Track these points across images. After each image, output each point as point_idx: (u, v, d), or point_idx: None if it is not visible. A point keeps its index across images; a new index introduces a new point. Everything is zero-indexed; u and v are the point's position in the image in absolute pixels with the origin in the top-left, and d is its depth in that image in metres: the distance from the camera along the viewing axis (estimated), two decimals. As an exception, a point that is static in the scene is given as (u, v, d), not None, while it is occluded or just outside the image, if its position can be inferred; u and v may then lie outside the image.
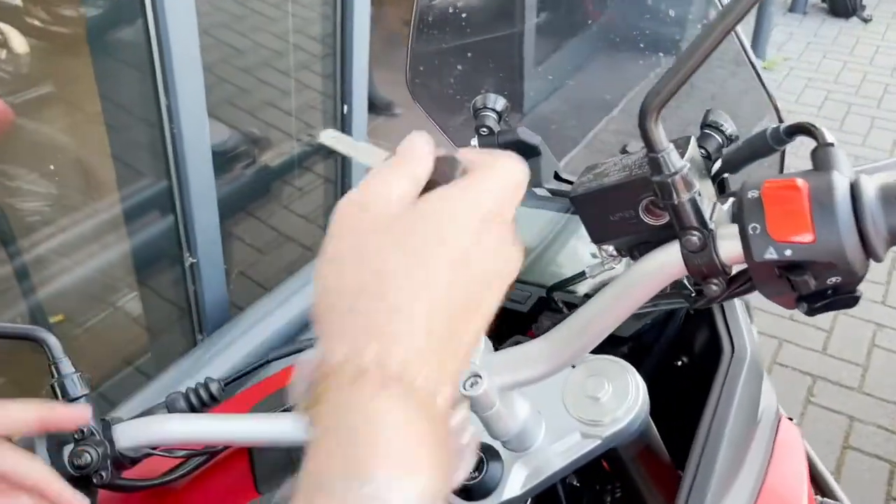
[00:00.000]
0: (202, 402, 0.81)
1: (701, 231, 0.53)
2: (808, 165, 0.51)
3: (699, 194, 0.53)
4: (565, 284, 0.91)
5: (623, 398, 0.66)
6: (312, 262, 1.53)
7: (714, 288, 0.54)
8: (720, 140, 0.76)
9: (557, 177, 0.97)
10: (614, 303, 0.59)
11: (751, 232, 0.49)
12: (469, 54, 1.08)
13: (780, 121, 0.76)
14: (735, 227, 0.51)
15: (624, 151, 0.98)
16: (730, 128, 0.77)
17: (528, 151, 0.93)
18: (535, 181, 0.94)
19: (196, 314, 1.70)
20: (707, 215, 0.53)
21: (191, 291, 1.67)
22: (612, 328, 0.60)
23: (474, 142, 0.94)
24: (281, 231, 2.30)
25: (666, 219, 0.56)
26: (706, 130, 0.78)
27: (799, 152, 0.64)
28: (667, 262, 0.56)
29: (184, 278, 1.66)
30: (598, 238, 0.62)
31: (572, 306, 0.88)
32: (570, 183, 0.97)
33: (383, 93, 3.24)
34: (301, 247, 2.35)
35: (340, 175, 2.14)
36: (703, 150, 0.77)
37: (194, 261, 1.61)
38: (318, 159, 2.12)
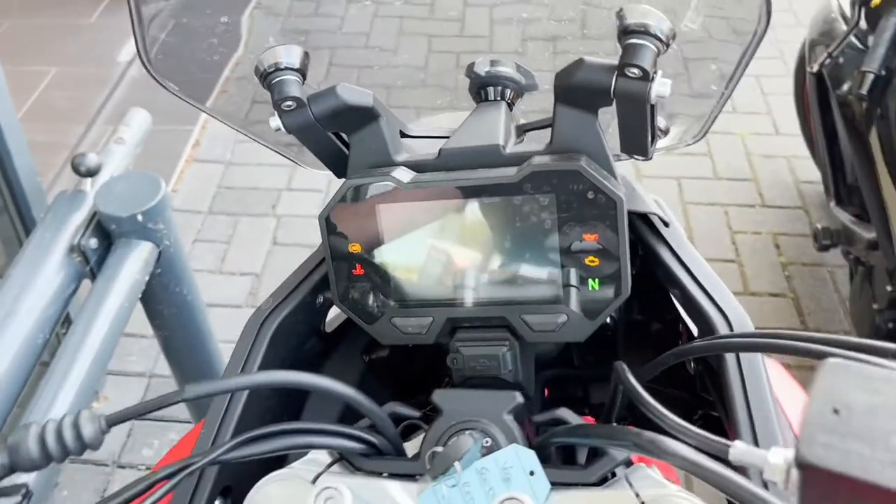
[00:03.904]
0: (65, 448, 0.48)
1: None
2: None
3: None
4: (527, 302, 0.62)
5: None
6: None
7: None
8: (655, 47, 0.54)
9: (404, 136, 0.68)
10: None
11: None
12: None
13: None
14: None
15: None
16: (664, 26, 0.54)
17: (361, 117, 0.64)
18: (383, 156, 0.65)
19: None
20: None
21: None
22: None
23: (275, 124, 0.63)
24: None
25: None
26: (632, 39, 0.55)
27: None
28: None
29: None
30: None
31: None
32: (432, 138, 0.69)
33: None
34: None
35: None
36: (634, 70, 0.54)
37: None
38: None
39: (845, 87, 1.85)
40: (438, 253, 0.62)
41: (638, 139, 0.61)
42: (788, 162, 2.65)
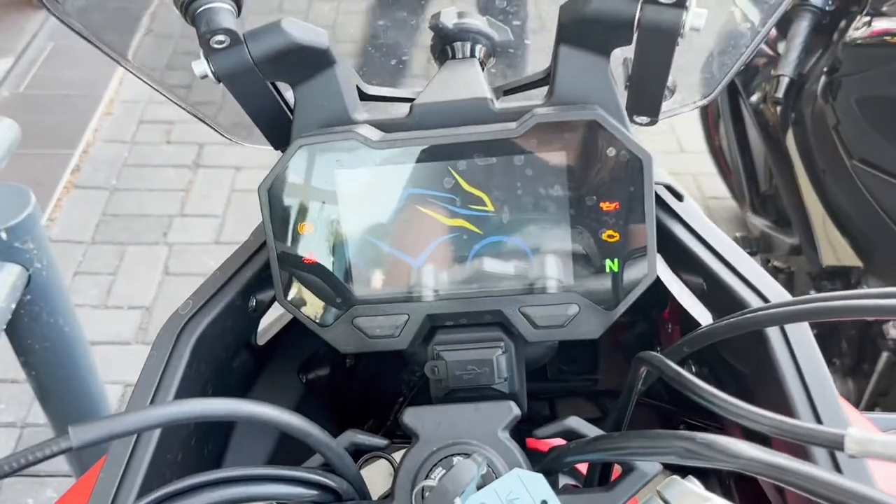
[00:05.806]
0: None
1: None
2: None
3: None
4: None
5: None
6: None
7: None
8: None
9: (364, 96, 0.54)
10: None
11: None
12: None
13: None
14: None
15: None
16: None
17: (312, 63, 0.50)
18: (338, 113, 0.50)
19: None
20: None
21: None
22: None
23: (201, 69, 0.48)
24: None
25: None
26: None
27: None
28: None
29: None
30: None
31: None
32: (395, 100, 0.55)
33: None
34: None
35: None
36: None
37: None
38: None
39: (756, 95, 1.84)
40: (414, 231, 0.48)
41: (654, 92, 0.51)
42: (695, 179, 2.65)
